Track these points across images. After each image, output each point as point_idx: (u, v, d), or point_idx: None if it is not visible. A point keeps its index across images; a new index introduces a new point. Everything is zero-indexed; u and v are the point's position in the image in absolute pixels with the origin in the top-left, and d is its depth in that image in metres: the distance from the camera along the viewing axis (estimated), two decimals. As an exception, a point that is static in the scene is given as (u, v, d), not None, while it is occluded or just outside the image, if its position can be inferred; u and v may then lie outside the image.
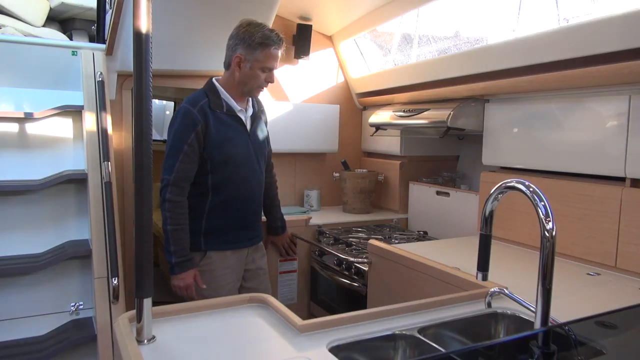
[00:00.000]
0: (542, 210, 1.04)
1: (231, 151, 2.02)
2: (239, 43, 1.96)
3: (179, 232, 1.93)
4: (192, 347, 1.16)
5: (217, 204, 2.04)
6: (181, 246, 1.94)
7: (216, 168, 2.01)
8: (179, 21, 2.52)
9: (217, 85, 2.06)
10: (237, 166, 2.04)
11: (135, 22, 1.07)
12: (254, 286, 2.17)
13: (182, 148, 1.93)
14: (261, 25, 1.98)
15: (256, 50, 1.94)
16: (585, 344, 1.07)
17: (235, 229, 2.09)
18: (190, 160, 1.95)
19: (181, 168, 1.94)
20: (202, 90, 2.06)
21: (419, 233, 2.87)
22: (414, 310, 1.36)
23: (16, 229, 2.28)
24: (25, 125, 2.47)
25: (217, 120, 1.99)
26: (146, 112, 1.10)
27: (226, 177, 2.03)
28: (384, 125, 3.06)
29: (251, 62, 1.97)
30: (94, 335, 2.07)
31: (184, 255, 1.95)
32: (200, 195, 2.03)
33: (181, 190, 1.95)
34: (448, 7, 2.76)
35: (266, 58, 1.96)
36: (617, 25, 1.70)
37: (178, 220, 1.94)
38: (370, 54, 3.46)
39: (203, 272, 2.04)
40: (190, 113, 1.96)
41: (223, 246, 2.07)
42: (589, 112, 1.94)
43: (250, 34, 1.94)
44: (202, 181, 2.02)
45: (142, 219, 1.11)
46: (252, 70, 1.98)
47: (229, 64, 2.03)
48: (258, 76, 1.99)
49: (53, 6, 4.42)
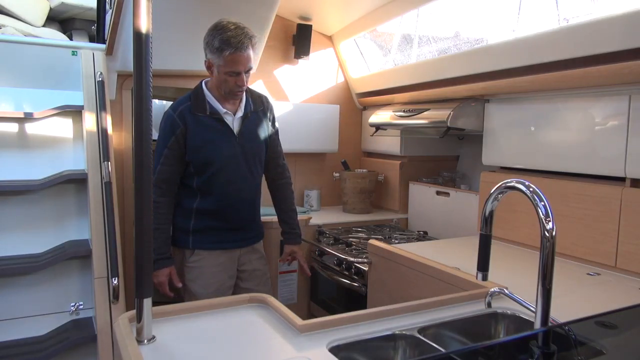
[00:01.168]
0: (542, 210, 1.04)
1: (212, 153, 2.01)
2: (205, 47, 1.94)
3: (157, 231, 1.96)
4: (192, 347, 1.16)
5: (205, 205, 2.06)
6: (158, 244, 1.98)
7: (199, 170, 2.03)
8: (179, 21, 2.52)
9: (203, 88, 2.04)
10: (220, 168, 2.03)
11: (135, 22, 1.07)
12: (252, 287, 2.16)
13: (162, 151, 1.99)
14: (225, 27, 1.89)
15: (219, 55, 1.89)
16: (585, 344, 1.07)
17: (225, 229, 2.10)
18: (169, 163, 2.00)
19: (161, 170, 1.99)
20: (188, 94, 2.07)
21: (419, 233, 2.87)
22: (414, 310, 1.36)
23: (16, 229, 2.28)
24: (25, 125, 2.47)
25: (197, 124, 1.99)
26: (146, 112, 1.10)
27: (210, 180, 2.04)
28: (384, 125, 3.06)
29: (217, 67, 1.93)
30: (94, 335, 2.07)
31: (161, 254, 2.00)
32: (189, 196, 2.07)
33: (162, 191, 2.00)
34: (448, 7, 2.76)
35: (227, 63, 1.89)
36: (617, 25, 1.70)
37: (157, 219, 1.96)
38: (370, 54, 3.46)
39: (192, 269, 2.07)
40: (170, 117, 2.01)
41: (211, 245, 2.08)
42: (589, 112, 1.94)
43: (212, 37, 1.89)
44: (189, 183, 2.06)
45: (142, 219, 1.11)
46: (220, 75, 1.94)
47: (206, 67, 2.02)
48: (227, 81, 1.94)
49: (53, 6, 4.42)
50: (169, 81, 2.93)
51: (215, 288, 2.06)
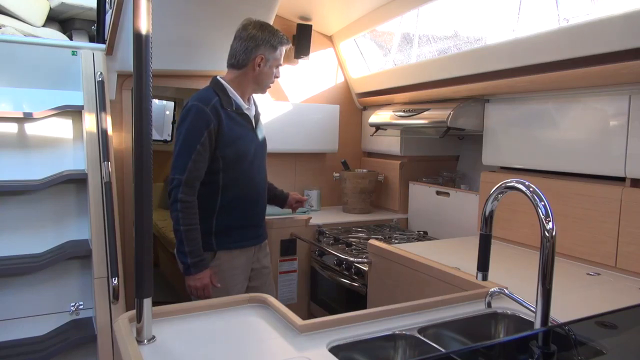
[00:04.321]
0: (542, 210, 1.04)
1: (242, 149, 2.04)
2: (261, 44, 2.02)
3: (192, 232, 1.92)
4: (192, 347, 1.16)
5: (227, 202, 2.05)
6: (196, 246, 1.93)
7: (228, 166, 2.01)
8: (179, 21, 2.52)
9: (224, 84, 2.05)
10: (247, 164, 2.07)
11: (135, 22, 1.07)
12: (258, 285, 2.18)
13: (195, 147, 1.90)
14: (272, 26, 2.11)
15: (277, 49, 2.06)
16: (585, 344, 1.07)
17: (244, 227, 2.11)
18: (202, 159, 1.94)
19: (194, 167, 1.92)
20: (210, 89, 2.04)
21: (419, 233, 2.87)
22: (414, 310, 1.36)
23: (16, 229, 2.28)
24: (25, 126, 2.47)
25: (228, 119, 2.00)
26: (146, 112, 1.10)
27: (237, 176, 2.05)
28: (384, 125, 3.06)
29: (271, 62, 2.07)
30: (94, 335, 2.07)
31: (199, 255, 1.93)
32: (210, 195, 2.03)
33: (193, 190, 1.94)
34: (448, 7, 2.76)
35: (281, 56, 2.11)
36: (617, 25, 1.70)
37: (191, 220, 1.92)
38: (370, 54, 3.46)
39: (213, 274, 2.04)
40: (202, 112, 1.93)
41: (233, 245, 2.07)
42: (589, 112, 1.94)
43: (271, 35, 2.05)
44: (213, 180, 2.01)
45: (142, 219, 1.11)
46: (270, 69, 2.08)
47: (245, 63, 2.03)
48: (273, 74, 2.11)
49: (53, 6, 4.41)
50: (169, 81, 2.93)
51: (236, 291, 2.04)
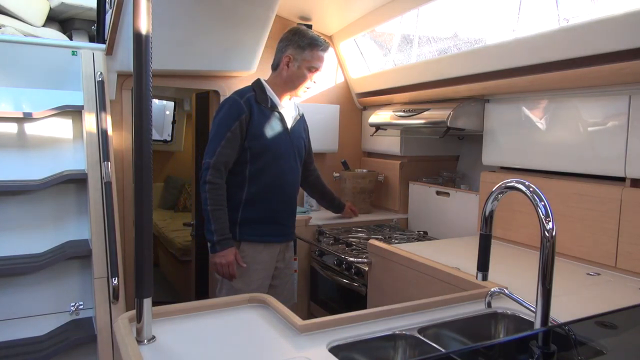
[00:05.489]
0: (542, 210, 1.04)
1: (269, 142, 2.15)
2: (289, 44, 2.18)
3: (219, 211, 2.05)
4: (192, 347, 1.16)
5: (253, 194, 2.15)
6: (222, 225, 2.05)
7: (254, 158, 2.13)
8: (179, 21, 2.52)
9: (264, 83, 2.22)
10: (274, 158, 2.16)
11: (135, 22, 1.07)
12: (277, 284, 2.27)
13: (225, 134, 2.07)
14: (307, 31, 2.21)
15: (305, 50, 2.16)
16: (585, 344, 1.07)
17: (269, 222, 2.19)
18: (230, 146, 2.08)
19: (221, 152, 2.07)
20: (249, 86, 2.23)
21: (419, 233, 2.87)
22: (414, 310, 1.36)
23: (16, 229, 2.28)
24: (25, 125, 2.47)
25: (260, 113, 2.15)
26: (146, 112, 1.10)
27: (263, 168, 2.15)
28: (384, 125, 3.06)
29: (299, 62, 2.17)
30: (94, 335, 2.07)
31: (225, 234, 2.05)
32: (237, 186, 2.14)
33: (220, 173, 2.08)
34: (448, 7, 2.76)
35: (313, 58, 2.18)
36: (617, 25, 1.70)
37: (218, 200, 2.05)
38: (370, 54, 3.45)
39: (238, 253, 2.12)
40: (236, 103, 2.11)
41: (256, 238, 2.16)
42: (589, 112, 1.94)
43: (299, 36, 2.16)
44: (241, 170, 2.14)
45: (142, 219, 1.11)
46: (300, 69, 2.17)
47: (277, 64, 2.21)
48: (305, 75, 2.19)
49: (53, 6, 4.41)
50: (169, 81, 2.93)
51: (257, 285, 2.13)
